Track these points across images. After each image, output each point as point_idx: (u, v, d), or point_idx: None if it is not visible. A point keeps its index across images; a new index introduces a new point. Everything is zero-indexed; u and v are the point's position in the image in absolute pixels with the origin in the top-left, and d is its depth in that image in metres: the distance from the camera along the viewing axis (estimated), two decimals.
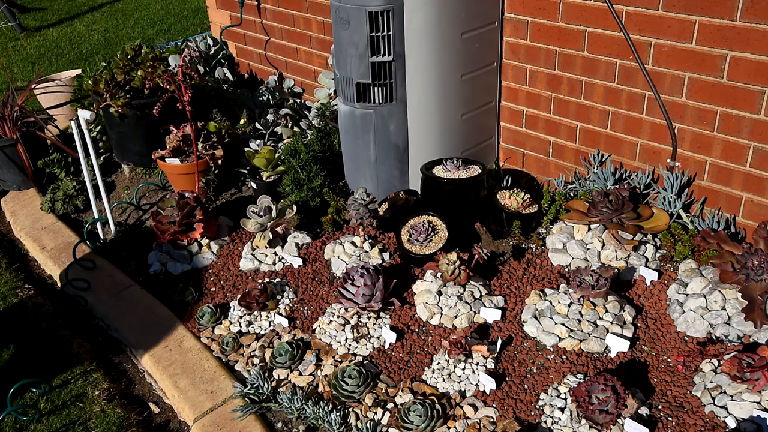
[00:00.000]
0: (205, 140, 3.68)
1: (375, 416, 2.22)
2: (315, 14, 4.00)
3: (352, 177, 3.34)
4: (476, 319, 2.56)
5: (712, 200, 2.77)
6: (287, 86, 4.40)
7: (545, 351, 2.38)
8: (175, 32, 6.88)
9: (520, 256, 2.84)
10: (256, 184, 3.49)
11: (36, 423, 2.50)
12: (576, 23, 2.86)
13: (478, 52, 3.07)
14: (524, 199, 2.93)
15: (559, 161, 3.24)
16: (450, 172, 2.97)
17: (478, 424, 2.14)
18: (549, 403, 2.16)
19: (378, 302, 2.59)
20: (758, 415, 1.96)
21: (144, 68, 3.81)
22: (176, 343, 2.68)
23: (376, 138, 3.14)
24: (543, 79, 3.09)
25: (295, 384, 2.40)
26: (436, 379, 2.32)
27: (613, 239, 2.66)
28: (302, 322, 2.69)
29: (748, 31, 2.40)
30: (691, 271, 2.51)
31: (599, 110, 2.96)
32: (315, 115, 3.94)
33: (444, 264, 2.58)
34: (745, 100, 2.50)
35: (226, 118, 4.03)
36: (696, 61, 2.57)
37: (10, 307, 3.16)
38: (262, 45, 4.54)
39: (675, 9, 2.55)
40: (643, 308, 2.49)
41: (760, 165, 2.57)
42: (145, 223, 3.52)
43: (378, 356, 2.47)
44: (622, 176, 2.95)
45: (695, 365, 2.21)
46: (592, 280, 2.39)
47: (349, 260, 2.90)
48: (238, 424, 2.29)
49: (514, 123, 3.33)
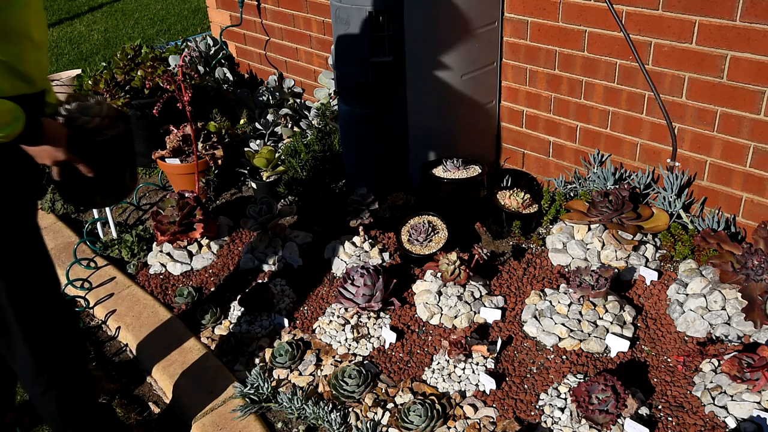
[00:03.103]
0: (205, 140, 3.68)
1: (375, 416, 2.22)
2: (315, 14, 4.01)
3: (353, 177, 3.34)
4: (476, 319, 2.56)
5: (712, 200, 2.77)
6: (287, 86, 4.40)
7: (545, 351, 2.38)
8: (175, 32, 6.88)
9: (520, 256, 2.84)
10: (256, 184, 3.49)
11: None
12: (576, 23, 2.86)
13: (478, 52, 3.07)
14: (524, 199, 2.93)
15: (559, 161, 3.24)
16: (450, 172, 2.97)
17: (478, 424, 2.14)
18: (549, 403, 2.16)
19: (378, 302, 2.59)
20: (758, 415, 1.96)
21: (144, 68, 3.81)
22: (176, 343, 2.68)
23: (376, 138, 3.14)
24: (543, 79, 3.09)
25: (295, 384, 2.40)
26: (436, 379, 2.32)
27: (613, 239, 2.66)
28: (302, 322, 2.69)
29: (748, 31, 2.40)
30: (691, 271, 2.51)
31: (599, 110, 2.96)
32: (315, 115, 3.94)
33: (444, 264, 2.58)
34: (745, 100, 2.50)
35: (226, 118, 4.03)
36: (696, 61, 2.58)
37: None
38: (262, 45, 4.54)
39: (675, 9, 2.55)
40: (643, 308, 2.49)
41: (760, 165, 2.57)
42: (145, 223, 3.52)
43: (378, 356, 2.47)
44: (622, 176, 2.95)
45: (695, 365, 2.21)
46: (592, 280, 2.39)
47: (349, 260, 2.90)
48: (238, 424, 2.29)
49: (514, 123, 3.33)
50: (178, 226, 3.08)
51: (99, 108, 1.86)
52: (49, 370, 1.98)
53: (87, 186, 1.86)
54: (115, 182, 1.93)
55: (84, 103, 1.85)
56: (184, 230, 3.13)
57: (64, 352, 2.02)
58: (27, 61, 1.70)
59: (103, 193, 1.94)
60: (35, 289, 1.89)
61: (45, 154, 1.74)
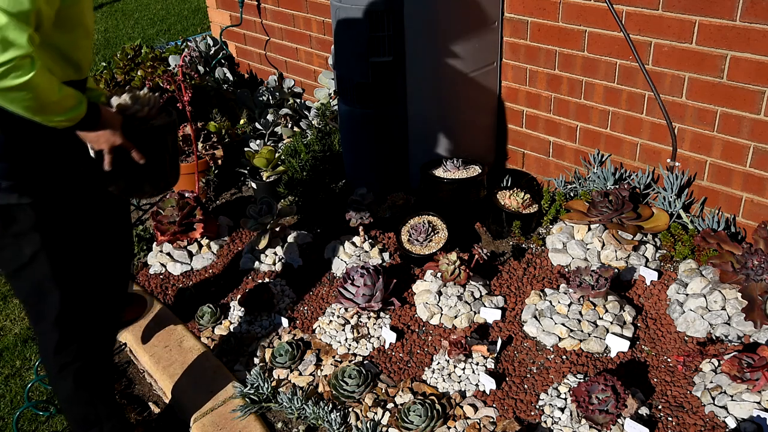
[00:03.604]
0: (205, 140, 3.68)
1: (375, 416, 2.22)
2: (315, 14, 4.00)
3: (353, 177, 3.34)
4: (476, 319, 2.56)
5: (712, 200, 2.77)
6: (287, 86, 4.40)
7: (545, 351, 2.38)
8: (175, 32, 6.88)
9: (520, 256, 2.84)
10: (256, 184, 3.49)
11: (51, 418, 2.53)
12: (576, 23, 2.86)
13: (478, 52, 3.07)
14: (524, 199, 2.93)
15: (559, 161, 3.24)
16: (450, 172, 2.97)
17: (478, 424, 2.14)
18: (549, 403, 2.16)
19: (378, 302, 2.59)
20: (758, 415, 1.96)
21: (144, 68, 3.81)
22: (176, 343, 2.68)
23: (376, 138, 3.14)
24: (543, 79, 3.09)
25: (295, 384, 2.40)
26: (436, 379, 2.32)
27: (613, 239, 2.66)
28: (302, 322, 2.69)
29: (748, 31, 2.40)
30: (691, 271, 2.51)
31: (599, 110, 2.96)
32: (315, 115, 3.94)
33: (444, 264, 2.58)
34: (745, 100, 2.50)
35: (226, 118, 4.03)
36: (696, 61, 2.58)
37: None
38: (262, 45, 4.54)
39: (675, 9, 2.55)
40: (643, 308, 2.49)
41: (760, 165, 2.57)
42: (145, 223, 3.52)
43: (378, 356, 2.47)
44: (622, 176, 2.95)
45: (695, 365, 2.21)
46: (592, 280, 2.39)
47: (349, 260, 2.90)
48: (238, 424, 2.29)
49: (514, 123, 3.33)
50: (178, 226, 3.08)
51: (148, 98, 1.94)
52: (78, 341, 2.02)
53: (138, 174, 1.93)
54: (165, 170, 2.01)
55: (134, 94, 1.93)
56: (184, 230, 3.13)
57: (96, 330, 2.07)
58: (79, 48, 1.77)
59: (153, 182, 2.00)
60: (81, 269, 1.96)
61: (103, 139, 1.79)
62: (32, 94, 1.54)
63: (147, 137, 1.90)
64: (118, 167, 1.86)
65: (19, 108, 1.57)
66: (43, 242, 1.84)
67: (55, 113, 1.63)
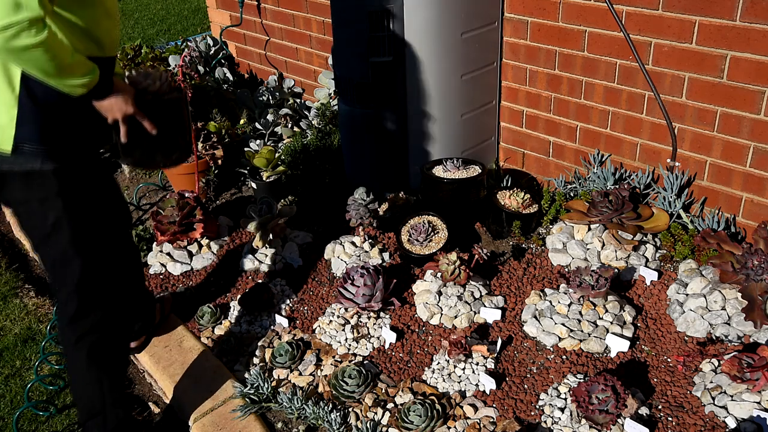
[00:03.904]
0: (205, 140, 3.68)
1: (375, 416, 2.22)
2: (315, 14, 4.01)
3: (352, 177, 3.34)
4: (476, 319, 2.56)
5: (712, 200, 2.77)
6: (287, 86, 4.40)
7: (545, 351, 2.38)
8: (175, 32, 6.88)
9: (520, 256, 2.84)
10: (256, 184, 3.49)
11: (51, 418, 2.53)
12: (576, 23, 2.86)
13: (478, 52, 3.07)
14: (524, 199, 2.93)
15: (559, 161, 3.24)
16: (450, 172, 2.97)
17: (478, 424, 2.14)
18: (549, 403, 2.16)
19: (378, 302, 2.59)
20: (758, 415, 1.96)
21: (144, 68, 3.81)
22: (176, 343, 2.68)
23: (376, 138, 3.14)
24: (543, 79, 3.09)
25: (295, 384, 2.40)
26: (436, 379, 2.32)
27: (613, 239, 2.66)
28: (302, 322, 2.69)
29: (748, 31, 2.40)
30: (691, 271, 2.51)
31: (599, 110, 2.96)
32: (315, 115, 3.94)
33: (444, 264, 2.58)
34: (745, 100, 2.50)
35: (226, 118, 4.03)
36: (696, 61, 2.58)
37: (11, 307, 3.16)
38: (262, 45, 4.54)
39: (675, 9, 2.55)
40: (643, 308, 2.49)
41: (760, 165, 2.57)
42: (145, 223, 3.52)
43: (378, 356, 2.47)
44: (622, 176, 2.95)
45: (695, 365, 2.21)
46: (592, 280, 2.39)
47: (349, 260, 2.90)
48: (238, 424, 2.29)
49: (514, 123, 3.33)
50: (178, 226, 3.08)
51: (159, 74, 2.08)
52: (96, 312, 2.09)
53: (151, 145, 2.06)
54: (176, 142, 2.15)
55: (146, 70, 2.08)
56: (184, 230, 3.13)
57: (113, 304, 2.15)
58: (100, 26, 1.86)
59: (165, 152, 2.13)
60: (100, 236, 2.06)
61: (116, 107, 1.90)
62: (47, 55, 1.62)
63: (158, 109, 2.02)
64: (133, 138, 1.98)
65: (34, 69, 1.66)
66: (65, 208, 1.92)
67: (70, 75, 1.71)
